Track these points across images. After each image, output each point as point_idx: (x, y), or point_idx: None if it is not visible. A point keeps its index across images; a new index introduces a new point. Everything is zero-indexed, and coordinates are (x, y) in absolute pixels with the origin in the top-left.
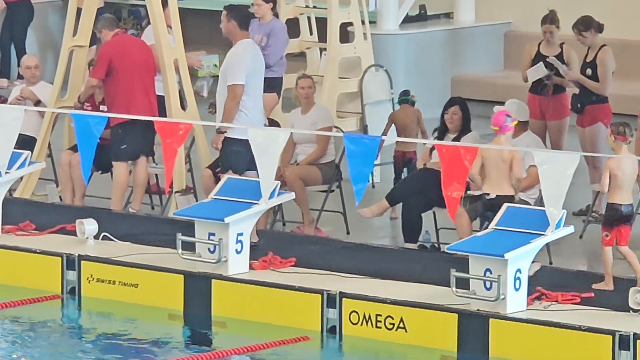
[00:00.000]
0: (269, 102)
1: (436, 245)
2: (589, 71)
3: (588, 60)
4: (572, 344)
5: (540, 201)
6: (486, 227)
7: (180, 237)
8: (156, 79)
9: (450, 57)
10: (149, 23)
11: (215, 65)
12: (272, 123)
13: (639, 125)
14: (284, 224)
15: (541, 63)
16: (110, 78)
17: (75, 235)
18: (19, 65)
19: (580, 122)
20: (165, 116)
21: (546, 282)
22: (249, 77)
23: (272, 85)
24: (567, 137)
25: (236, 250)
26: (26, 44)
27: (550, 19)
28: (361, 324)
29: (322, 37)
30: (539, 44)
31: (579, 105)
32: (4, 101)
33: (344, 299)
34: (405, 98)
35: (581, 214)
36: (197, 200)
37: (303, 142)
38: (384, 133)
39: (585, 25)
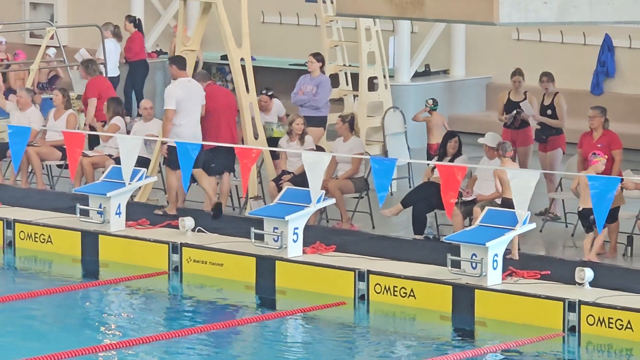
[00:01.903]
0: (317, 134)
1: (437, 236)
2: (549, 112)
3: (546, 104)
4: (534, 308)
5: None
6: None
7: (253, 230)
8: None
9: (447, 101)
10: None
11: (272, 129)
12: (319, 149)
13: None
14: (327, 221)
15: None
16: (204, 116)
17: (178, 228)
18: (138, 107)
19: (544, 148)
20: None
21: (515, 263)
22: (180, 102)
23: (319, 122)
24: (530, 159)
25: (293, 239)
26: (143, 91)
27: (518, 72)
28: (383, 293)
29: (355, 87)
30: (509, 93)
31: (543, 137)
32: (129, 133)
33: (370, 275)
34: (434, 107)
35: (541, 214)
36: (265, 204)
37: (342, 162)
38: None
39: (550, 77)
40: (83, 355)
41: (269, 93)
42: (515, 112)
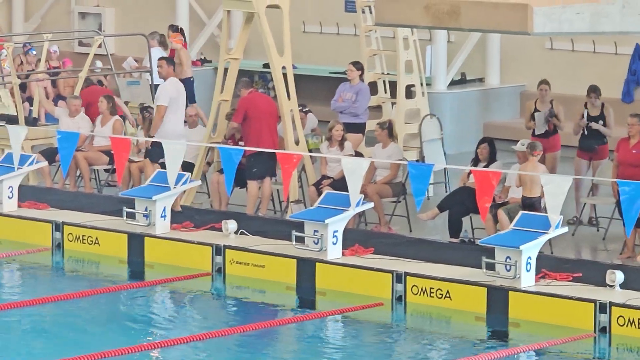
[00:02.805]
0: (356, 140)
1: (472, 239)
2: (600, 122)
3: (594, 115)
4: (566, 309)
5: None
6: None
7: (294, 233)
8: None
9: (482, 108)
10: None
11: (307, 141)
12: (358, 154)
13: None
14: (365, 224)
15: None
16: (245, 122)
17: (221, 231)
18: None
19: (589, 157)
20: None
21: (548, 265)
22: (171, 100)
23: (358, 128)
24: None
25: (333, 242)
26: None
27: (544, 82)
28: (420, 294)
29: (393, 94)
30: (535, 101)
31: (595, 147)
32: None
33: (407, 277)
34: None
35: (572, 223)
36: (305, 208)
37: (380, 168)
38: None
39: (598, 92)
40: (128, 353)
41: (305, 109)
42: (548, 111)
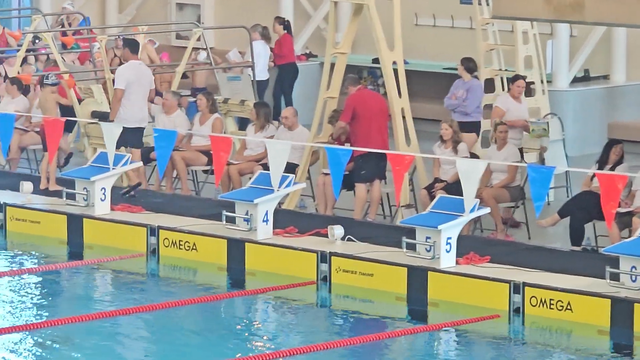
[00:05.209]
0: (470, 140)
1: (595, 248)
2: None
3: None
4: None
5: None
6: None
7: (405, 239)
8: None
9: (607, 107)
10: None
11: (545, 129)
12: (473, 156)
13: None
14: (481, 231)
15: None
16: (354, 121)
17: (327, 237)
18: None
19: None
20: None
21: None
22: (128, 84)
23: (471, 127)
24: None
25: (446, 250)
26: (293, 95)
27: None
28: (539, 306)
29: None
30: None
31: None
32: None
33: (526, 287)
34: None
35: None
36: (417, 213)
37: (497, 171)
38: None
39: None
40: None
41: None
42: None
